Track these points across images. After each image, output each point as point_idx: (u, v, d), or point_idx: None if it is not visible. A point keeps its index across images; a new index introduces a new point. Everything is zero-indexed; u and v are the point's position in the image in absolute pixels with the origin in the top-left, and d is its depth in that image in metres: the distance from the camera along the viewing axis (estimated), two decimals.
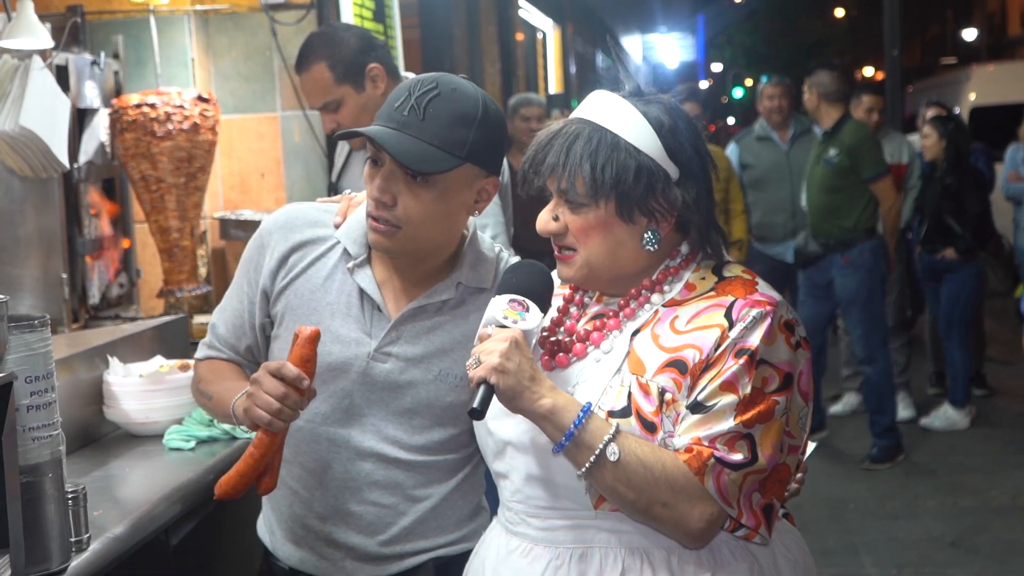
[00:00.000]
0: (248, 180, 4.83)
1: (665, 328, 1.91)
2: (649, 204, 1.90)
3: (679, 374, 1.85)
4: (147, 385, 2.85)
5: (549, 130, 1.95)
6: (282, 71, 4.74)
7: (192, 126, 4.08)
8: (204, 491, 2.60)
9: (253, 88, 4.78)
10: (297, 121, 4.76)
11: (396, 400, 2.19)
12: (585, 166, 1.88)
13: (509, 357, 1.81)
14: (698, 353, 1.85)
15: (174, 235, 4.18)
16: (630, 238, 1.93)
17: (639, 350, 1.91)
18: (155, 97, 4.06)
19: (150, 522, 2.35)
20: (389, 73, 3.43)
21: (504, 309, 1.90)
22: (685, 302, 1.93)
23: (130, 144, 4.04)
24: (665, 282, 1.96)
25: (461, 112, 2.08)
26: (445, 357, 2.20)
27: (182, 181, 4.12)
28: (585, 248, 1.93)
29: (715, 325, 1.86)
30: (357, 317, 2.20)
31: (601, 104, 1.94)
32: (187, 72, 4.64)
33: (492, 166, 2.16)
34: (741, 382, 1.82)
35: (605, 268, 1.96)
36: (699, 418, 1.82)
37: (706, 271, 1.96)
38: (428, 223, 2.11)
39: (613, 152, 1.89)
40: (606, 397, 1.88)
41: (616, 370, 1.91)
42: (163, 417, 2.84)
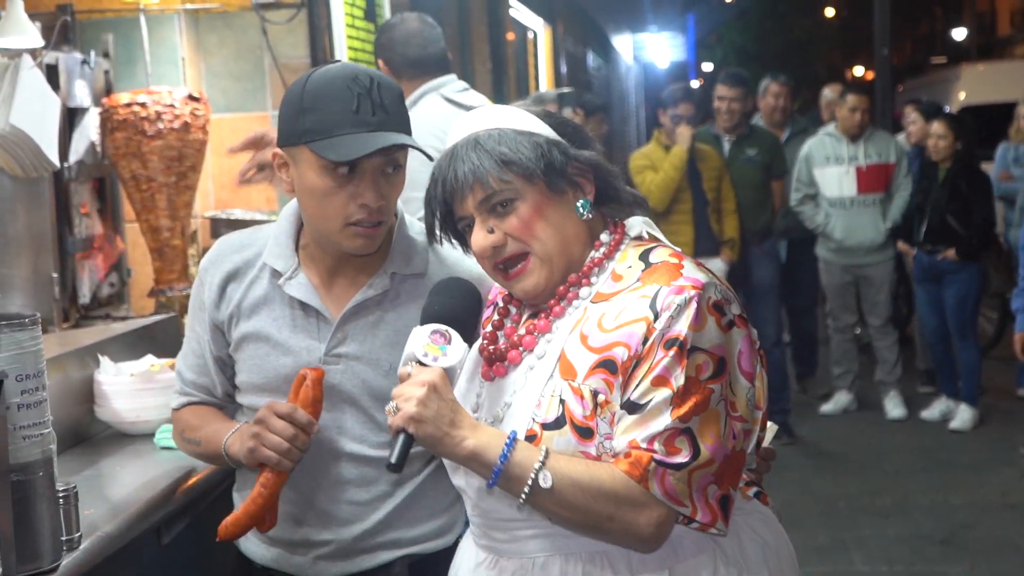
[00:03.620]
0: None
1: (592, 327, 1.87)
2: (568, 171, 1.91)
3: (609, 374, 1.82)
4: (138, 384, 2.85)
5: (441, 158, 1.95)
6: (273, 70, 4.73)
7: (183, 125, 4.07)
8: (195, 490, 2.60)
9: (244, 87, 4.77)
10: None
11: (354, 400, 2.20)
12: (494, 160, 1.87)
13: (427, 404, 1.78)
14: (626, 350, 1.81)
15: (164, 234, 4.18)
16: (567, 214, 1.92)
17: (569, 354, 1.87)
18: (145, 96, 4.05)
19: (141, 521, 2.36)
20: (396, 73, 3.82)
21: (424, 344, 1.85)
22: (612, 296, 1.89)
23: (120, 143, 4.04)
24: (591, 274, 1.93)
25: (399, 93, 2.15)
26: (392, 351, 2.16)
27: (172, 180, 4.11)
28: (536, 242, 1.90)
29: (640, 319, 1.82)
30: (303, 327, 2.21)
31: (479, 116, 1.96)
32: (177, 71, 4.63)
33: None
34: (673, 374, 1.78)
35: (560, 258, 1.92)
36: (635, 419, 1.79)
37: (633, 258, 1.93)
38: (394, 209, 2.19)
39: (518, 136, 1.90)
40: (540, 408, 1.85)
41: (548, 377, 1.87)
42: (154, 416, 2.84)
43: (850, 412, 7.50)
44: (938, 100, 13.64)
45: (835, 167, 7.27)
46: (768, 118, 7.84)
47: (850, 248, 7.28)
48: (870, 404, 7.61)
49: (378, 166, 2.09)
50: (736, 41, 33.97)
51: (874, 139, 7.33)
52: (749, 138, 7.18)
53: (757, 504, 2.01)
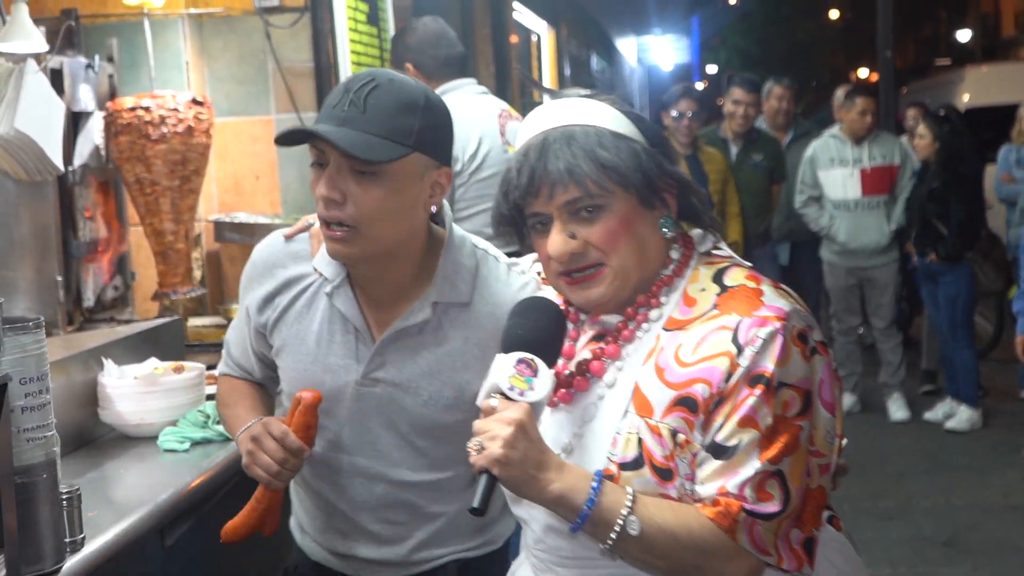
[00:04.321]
0: (243, 183, 4.84)
1: (669, 360, 1.75)
2: (659, 184, 1.79)
3: (689, 413, 1.70)
4: (141, 387, 2.86)
5: (528, 144, 1.82)
6: (276, 74, 4.75)
7: (186, 129, 4.09)
8: (198, 492, 2.61)
9: (247, 91, 4.79)
10: (292, 124, 4.77)
11: (392, 425, 2.15)
12: (593, 162, 1.75)
13: (514, 445, 1.65)
14: (707, 388, 1.69)
15: (168, 238, 4.20)
16: (651, 231, 1.81)
17: (645, 388, 1.75)
18: (149, 100, 4.07)
19: (144, 523, 2.36)
20: (426, 74, 3.97)
21: (510, 375, 1.71)
22: (687, 325, 1.76)
23: (124, 147, 4.06)
24: (660, 294, 1.82)
25: (403, 101, 1.99)
26: (432, 380, 2.12)
27: (176, 184, 4.13)
28: (617, 256, 1.78)
29: (722, 353, 1.69)
30: (342, 343, 2.15)
31: (569, 108, 1.83)
32: (181, 75, 4.65)
33: (442, 155, 2.07)
34: (760, 414, 1.67)
35: (635, 273, 1.80)
36: (722, 464, 1.68)
37: (705, 280, 1.81)
38: (384, 220, 2.01)
39: (616, 140, 1.78)
40: (616, 447, 1.74)
41: (623, 413, 1.76)
42: (157, 419, 2.85)
43: (853, 414, 7.49)
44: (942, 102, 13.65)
45: (839, 169, 7.27)
46: (771, 121, 7.84)
47: (854, 250, 7.28)
48: (873, 406, 7.61)
49: (342, 164, 1.97)
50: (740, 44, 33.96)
51: (879, 141, 7.33)
52: (756, 143, 7.22)
53: (831, 531, 1.90)
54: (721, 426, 1.68)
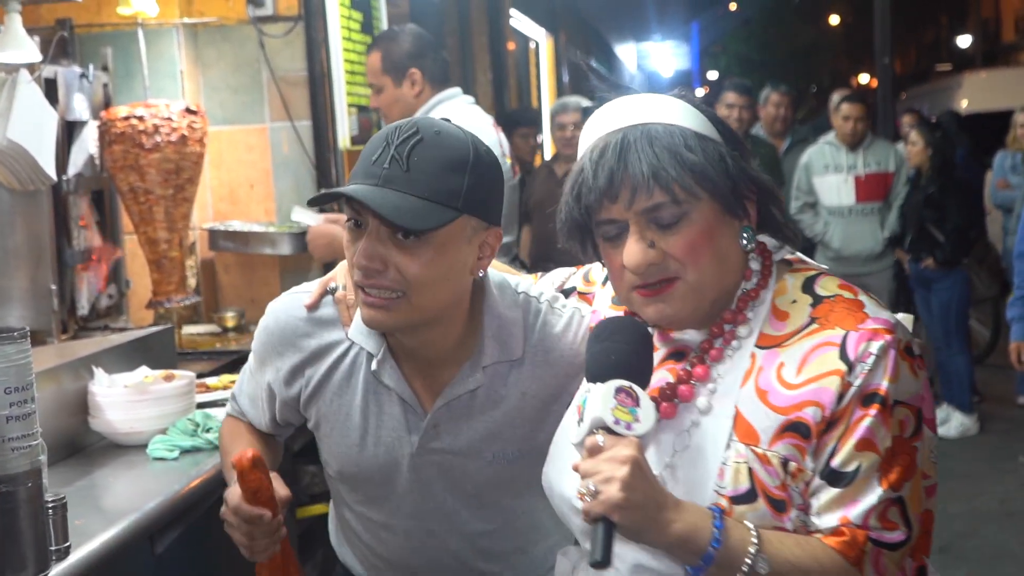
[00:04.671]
0: (237, 191, 4.86)
1: (771, 381, 1.62)
2: (742, 192, 1.68)
3: (801, 439, 1.58)
4: (131, 396, 2.87)
5: (595, 147, 1.67)
6: (270, 83, 4.77)
7: (180, 138, 4.11)
8: (187, 500, 2.62)
9: (242, 100, 4.81)
10: (286, 132, 4.79)
11: (457, 488, 2.06)
12: (680, 165, 1.61)
13: (633, 487, 1.48)
14: (819, 411, 1.57)
15: (162, 246, 4.21)
16: (732, 242, 1.69)
17: (747, 413, 1.62)
18: (143, 109, 4.09)
19: (133, 530, 2.37)
20: (431, 80, 4.11)
21: (612, 407, 1.53)
22: (784, 341, 1.65)
23: (118, 156, 4.07)
24: (747, 309, 1.70)
25: (450, 158, 1.82)
26: (494, 441, 2.02)
27: (170, 192, 4.15)
28: (695, 270, 1.64)
29: (831, 372, 1.58)
30: (391, 415, 2.03)
31: (635, 105, 1.69)
32: (176, 84, 4.67)
33: (492, 216, 1.91)
34: (878, 436, 1.56)
35: (711, 290, 1.67)
36: (840, 492, 1.57)
37: (795, 290, 1.70)
38: (428, 287, 1.84)
39: (698, 142, 1.65)
40: (723, 478, 1.60)
41: (726, 441, 1.62)
42: (147, 427, 2.86)
43: None
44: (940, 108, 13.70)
45: (834, 175, 7.28)
46: (769, 127, 7.86)
47: (848, 257, 7.29)
48: None
49: (382, 229, 1.82)
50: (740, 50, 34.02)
51: (873, 148, 7.34)
52: (751, 148, 7.19)
53: None
54: (835, 450, 1.57)
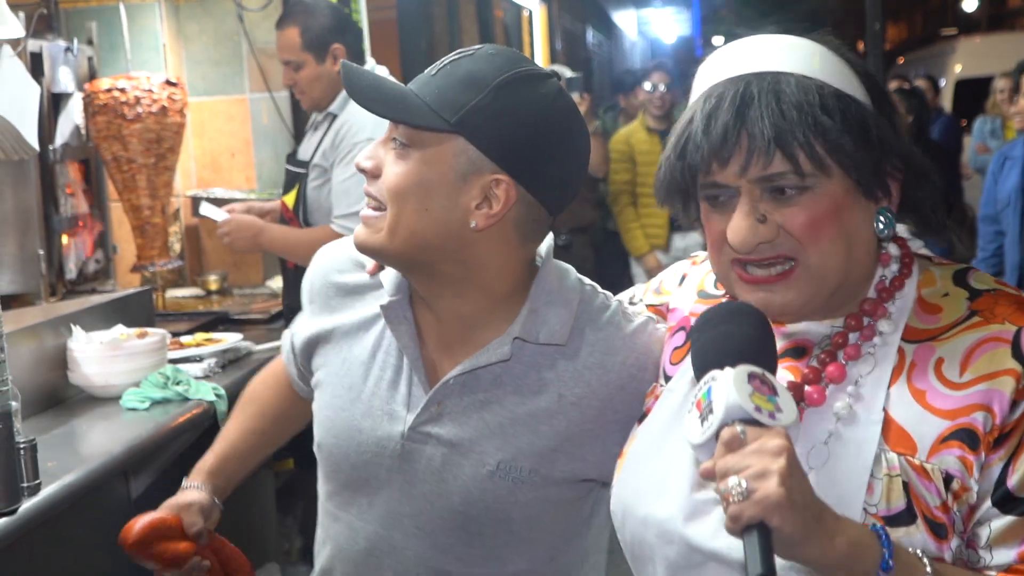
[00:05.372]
0: (219, 159, 5.05)
1: (930, 378, 1.35)
2: (886, 173, 1.39)
3: (968, 449, 1.30)
4: (107, 351, 3.06)
5: (710, 95, 1.39)
6: (250, 56, 4.95)
7: (160, 109, 4.30)
8: (157, 443, 2.81)
9: (223, 72, 5.00)
10: (265, 103, 4.98)
11: (442, 498, 1.67)
12: (813, 131, 1.32)
13: (792, 483, 1.18)
14: (990, 417, 1.30)
15: (145, 212, 4.41)
16: (864, 225, 1.40)
17: (899, 416, 1.35)
18: (125, 82, 4.28)
19: (102, 471, 2.56)
20: (351, 56, 3.94)
21: (750, 393, 1.24)
22: (940, 334, 1.38)
23: (102, 126, 4.26)
24: (889, 301, 1.42)
25: (474, 72, 1.58)
26: (505, 445, 1.65)
27: (152, 161, 4.34)
28: (817, 252, 1.36)
29: (1005, 371, 1.31)
30: (392, 381, 1.71)
31: (766, 47, 1.41)
32: (159, 57, 4.86)
33: (506, 159, 1.58)
34: None
35: (834, 278, 1.39)
36: (1019, 521, 1.29)
37: (944, 283, 1.43)
38: (403, 203, 1.58)
39: (838, 103, 1.35)
40: (872, 495, 1.33)
41: (876, 449, 1.34)
42: (121, 380, 3.06)
43: None
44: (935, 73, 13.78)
45: None
46: None
47: None
48: None
49: (390, 131, 1.63)
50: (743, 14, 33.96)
51: None
52: None
53: None
54: (1009, 469, 1.29)
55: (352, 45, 4.00)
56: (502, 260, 1.64)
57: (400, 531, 1.70)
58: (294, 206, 4.02)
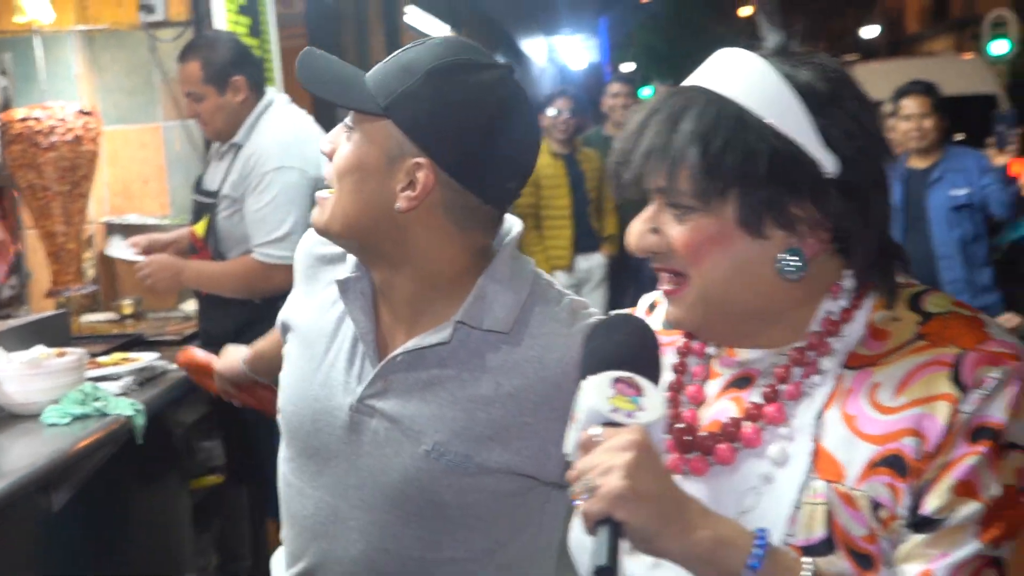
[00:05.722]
0: (132, 187, 5.16)
1: (862, 403, 1.32)
2: (788, 210, 1.32)
3: (896, 476, 1.27)
4: (27, 370, 3.17)
5: (648, 106, 1.40)
6: (163, 84, 5.07)
7: (75, 138, 4.41)
8: (77, 457, 2.91)
9: (136, 100, 5.11)
10: (178, 131, 5.11)
11: (383, 474, 1.73)
12: (692, 151, 1.31)
13: (639, 475, 1.19)
14: (921, 443, 1.26)
15: (60, 239, 4.51)
16: (759, 260, 1.35)
17: (829, 443, 1.32)
18: (40, 111, 4.39)
19: (23, 483, 2.64)
20: (252, 87, 4.03)
21: (609, 396, 1.27)
22: (881, 359, 1.33)
23: (17, 155, 4.37)
24: (834, 335, 1.37)
25: (411, 59, 1.64)
26: (441, 426, 1.69)
27: (67, 189, 4.45)
28: (698, 274, 1.36)
29: (940, 396, 1.26)
30: (349, 353, 1.79)
31: (725, 65, 1.39)
32: (73, 86, 4.97)
33: (433, 145, 1.62)
34: (984, 480, 1.24)
35: (727, 304, 1.38)
36: (927, 538, 1.26)
37: (897, 307, 1.37)
38: (343, 180, 1.67)
39: (738, 131, 1.31)
40: (795, 524, 1.31)
41: (802, 477, 1.31)
42: (41, 398, 3.16)
43: None
44: None
45: None
46: None
47: None
48: None
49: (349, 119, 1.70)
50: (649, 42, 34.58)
51: None
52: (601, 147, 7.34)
53: None
54: (928, 491, 1.26)
55: (253, 77, 4.10)
56: (438, 244, 1.69)
57: (346, 501, 1.76)
58: (204, 235, 4.12)
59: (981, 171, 5.69)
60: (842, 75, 1.35)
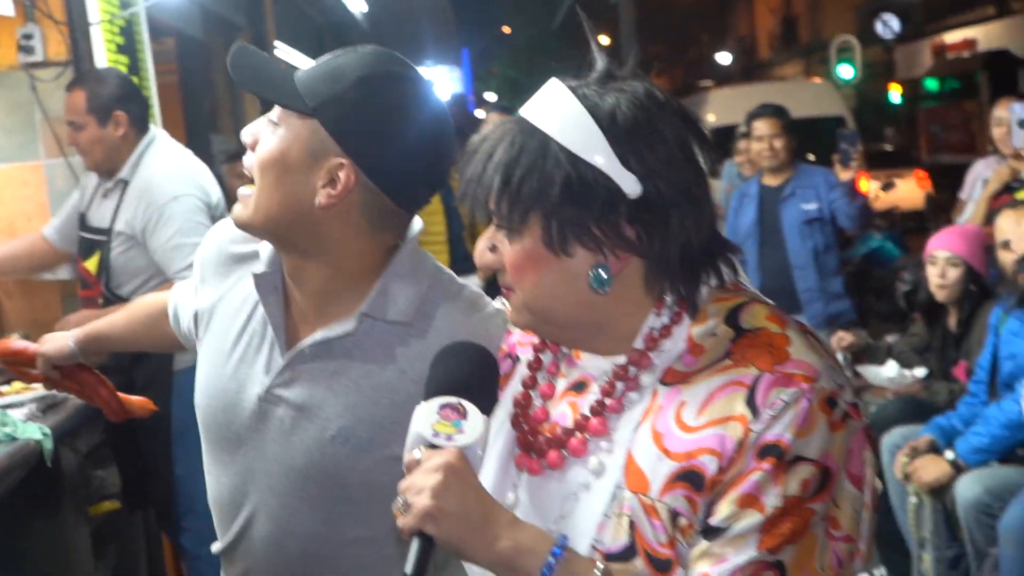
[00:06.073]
0: (15, 224, 5.21)
1: (669, 422, 1.42)
2: (590, 229, 1.43)
3: (693, 490, 1.38)
4: None
5: (481, 136, 1.51)
6: (43, 123, 5.14)
7: None
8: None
9: (16, 139, 5.17)
10: (60, 168, 5.17)
11: (288, 459, 1.84)
12: (497, 179, 1.44)
13: (445, 495, 1.35)
14: (716, 460, 1.36)
15: None
16: (572, 276, 1.46)
17: (639, 457, 1.43)
18: None
19: None
20: (134, 123, 4.20)
21: (433, 422, 1.42)
22: (691, 377, 1.43)
23: None
24: (654, 350, 1.47)
25: (339, 66, 1.74)
26: (347, 412, 1.80)
27: None
28: (520, 288, 1.49)
29: (735, 418, 1.37)
30: (258, 346, 1.89)
31: (543, 97, 1.49)
32: None
33: (354, 147, 1.73)
34: (766, 494, 1.34)
35: (549, 313, 1.50)
36: (709, 545, 1.36)
37: (716, 320, 1.45)
38: (264, 181, 1.76)
39: (538, 159, 1.43)
40: (603, 532, 1.43)
41: (613, 489, 1.44)
42: None
43: None
44: None
45: None
46: None
47: None
48: None
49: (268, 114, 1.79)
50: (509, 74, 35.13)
51: None
52: None
53: None
54: (717, 502, 1.37)
55: (136, 113, 4.23)
56: (352, 240, 1.79)
57: (255, 487, 1.87)
58: (97, 272, 4.20)
59: (829, 186, 6.10)
60: (651, 99, 1.46)
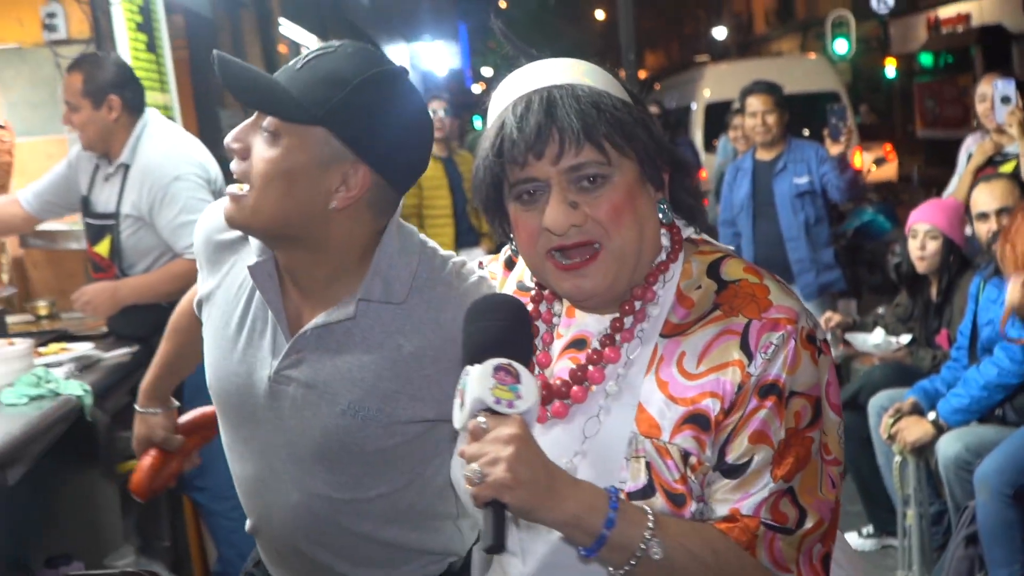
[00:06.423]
0: None
1: (672, 371, 1.58)
2: (659, 162, 1.61)
3: (700, 431, 1.54)
4: None
5: (517, 102, 1.58)
6: None
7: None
8: (32, 435, 3.15)
9: (41, 114, 5.37)
10: None
11: (305, 432, 1.95)
12: (612, 122, 1.54)
13: (518, 466, 1.43)
14: (718, 402, 1.54)
15: None
16: (651, 212, 1.62)
17: (648, 405, 1.58)
18: None
19: None
20: (127, 107, 4.36)
21: (491, 387, 1.47)
22: (686, 330, 1.59)
23: None
24: (656, 284, 1.64)
25: (337, 71, 1.78)
26: (354, 388, 1.91)
27: None
28: (618, 236, 1.58)
29: (732, 363, 1.54)
30: (261, 331, 1.98)
31: (555, 67, 1.62)
32: None
33: (364, 149, 1.80)
34: (772, 428, 1.52)
35: (631, 260, 1.61)
36: (734, 483, 1.54)
37: (699, 274, 1.63)
38: (269, 187, 1.79)
39: (623, 104, 1.58)
40: (624, 473, 1.58)
41: (628, 434, 1.58)
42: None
43: None
44: (688, 98, 14.87)
45: None
46: None
47: None
48: None
49: (258, 118, 1.83)
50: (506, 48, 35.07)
51: None
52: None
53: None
54: (729, 442, 1.54)
55: (130, 98, 4.37)
56: (358, 232, 1.88)
57: (277, 459, 1.99)
58: (110, 255, 4.39)
59: (820, 161, 6.31)
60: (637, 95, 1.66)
